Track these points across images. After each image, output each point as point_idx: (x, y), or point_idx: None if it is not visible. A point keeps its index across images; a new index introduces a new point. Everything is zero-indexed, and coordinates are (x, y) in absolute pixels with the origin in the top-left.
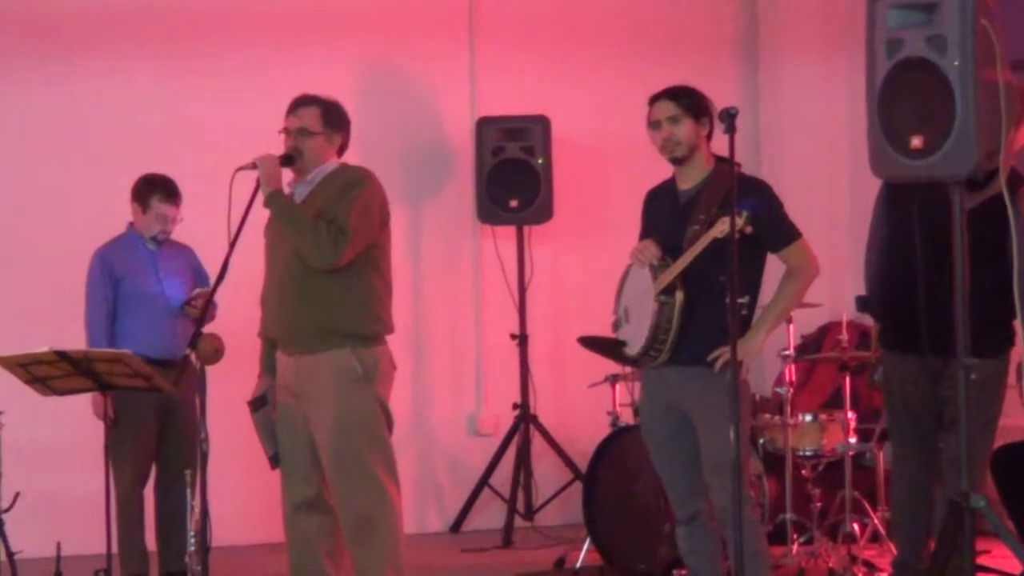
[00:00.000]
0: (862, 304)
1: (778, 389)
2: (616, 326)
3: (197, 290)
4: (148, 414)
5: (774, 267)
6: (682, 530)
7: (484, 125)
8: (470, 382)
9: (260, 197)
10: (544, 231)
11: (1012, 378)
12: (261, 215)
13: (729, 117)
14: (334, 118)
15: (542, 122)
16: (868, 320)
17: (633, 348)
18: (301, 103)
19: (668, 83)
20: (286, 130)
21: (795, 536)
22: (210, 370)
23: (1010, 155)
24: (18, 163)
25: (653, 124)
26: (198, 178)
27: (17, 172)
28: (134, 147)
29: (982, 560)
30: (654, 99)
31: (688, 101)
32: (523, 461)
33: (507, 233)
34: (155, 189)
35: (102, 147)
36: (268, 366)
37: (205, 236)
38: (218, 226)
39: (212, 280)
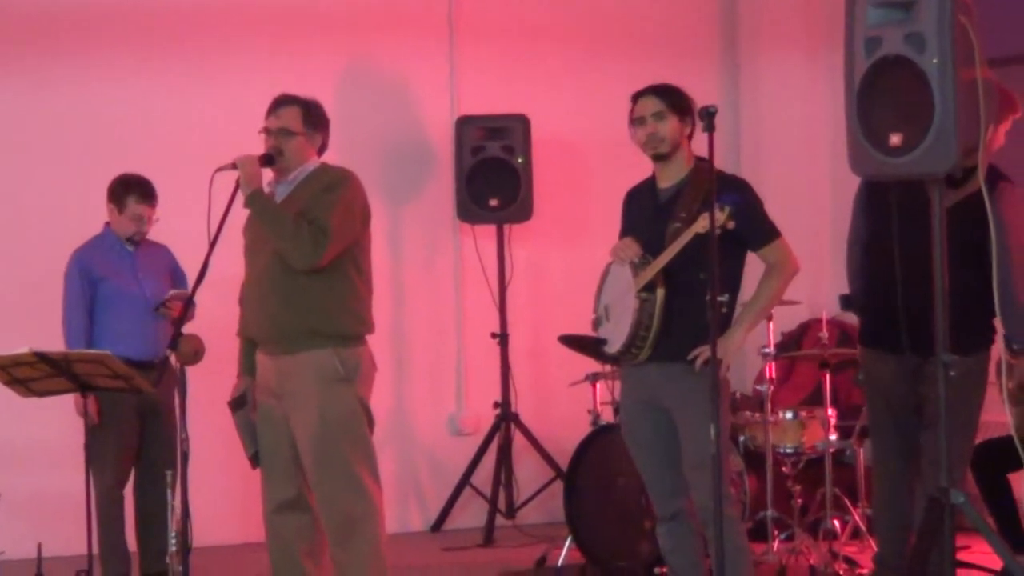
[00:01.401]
0: (845, 303)
1: (758, 386)
2: (596, 324)
3: (172, 292)
4: (129, 415)
5: (754, 266)
6: (663, 528)
7: (464, 124)
8: (451, 381)
9: (240, 198)
10: (524, 230)
11: (992, 375)
12: (239, 215)
13: (708, 115)
14: (314, 118)
15: (522, 121)
16: (848, 317)
17: (614, 346)
18: (282, 103)
19: (648, 82)
20: (266, 130)
21: (776, 533)
22: (190, 371)
23: (988, 152)
24: None
25: (637, 120)
26: (176, 178)
27: None
28: (111, 146)
29: (962, 556)
30: (638, 95)
31: (673, 99)
32: (504, 460)
33: (487, 232)
34: (131, 190)
35: (78, 146)
36: (247, 366)
37: (183, 236)
38: (196, 226)
39: (190, 280)
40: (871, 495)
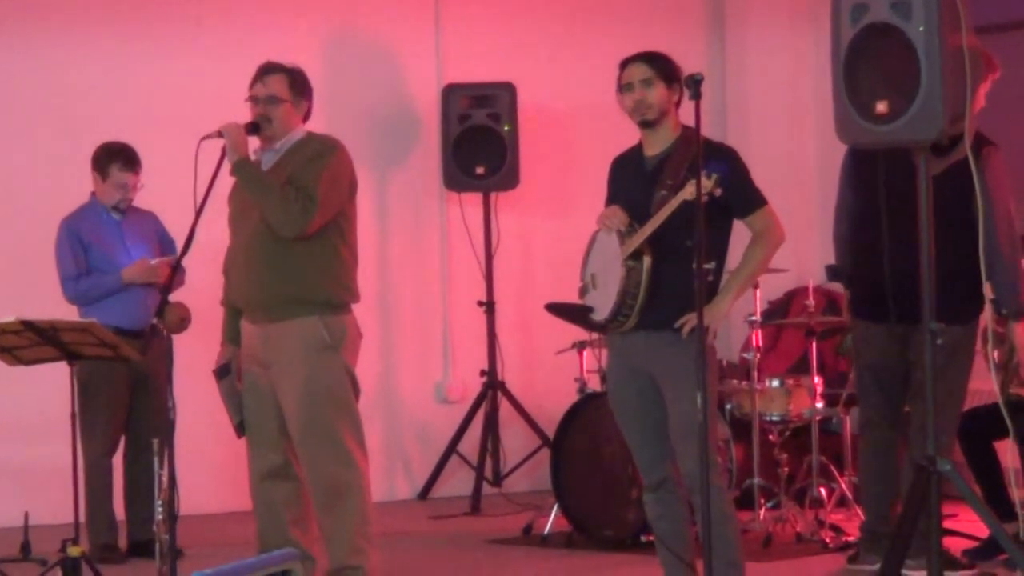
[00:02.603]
0: (832, 273)
1: (745, 354)
2: (583, 292)
3: (157, 259)
4: (120, 384)
5: (741, 234)
6: (650, 496)
7: (450, 92)
8: (437, 349)
9: (227, 166)
10: (510, 198)
11: (979, 343)
12: (225, 183)
13: (694, 83)
14: (300, 85)
15: (508, 89)
16: (835, 286)
17: (601, 314)
18: (268, 71)
19: (634, 49)
20: (253, 98)
21: (762, 501)
22: (178, 339)
23: (973, 118)
24: None
25: (625, 86)
26: (162, 146)
27: None
28: (98, 115)
29: (949, 524)
30: (627, 61)
31: (661, 65)
32: (491, 428)
33: (474, 200)
34: (114, 157)
35: (64, 115)
36: (231, 334)
37: (170, 204)
38: (182, 194)
39: (179, 246)
40: (858, 463)
